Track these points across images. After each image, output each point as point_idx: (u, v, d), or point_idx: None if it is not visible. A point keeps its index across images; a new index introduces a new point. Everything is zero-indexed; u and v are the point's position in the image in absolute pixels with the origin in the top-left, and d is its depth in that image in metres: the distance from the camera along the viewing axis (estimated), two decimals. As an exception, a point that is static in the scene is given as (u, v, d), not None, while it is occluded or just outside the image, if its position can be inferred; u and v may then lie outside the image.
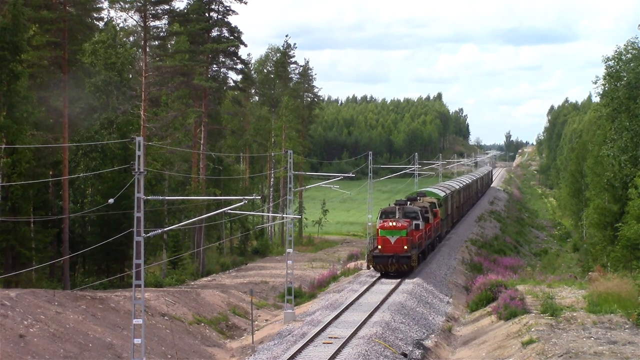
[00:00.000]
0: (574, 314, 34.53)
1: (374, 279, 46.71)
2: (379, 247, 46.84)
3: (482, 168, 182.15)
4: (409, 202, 52.72)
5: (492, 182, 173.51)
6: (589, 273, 49.90)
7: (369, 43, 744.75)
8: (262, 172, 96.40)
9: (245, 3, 66.22)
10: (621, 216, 51.28)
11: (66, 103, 46.30)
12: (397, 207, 49.10)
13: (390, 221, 46.91)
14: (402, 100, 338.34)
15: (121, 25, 70.91)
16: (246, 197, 33.89)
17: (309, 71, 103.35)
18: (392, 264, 46.45)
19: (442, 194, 64.17)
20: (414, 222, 48.66)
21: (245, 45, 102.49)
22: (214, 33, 66.61)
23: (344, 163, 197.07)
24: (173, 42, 67.97)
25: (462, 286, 50.20)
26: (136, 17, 57.63)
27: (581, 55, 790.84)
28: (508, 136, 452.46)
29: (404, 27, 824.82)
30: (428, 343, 33.81)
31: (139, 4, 55.98)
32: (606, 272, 47.57)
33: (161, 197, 32.43)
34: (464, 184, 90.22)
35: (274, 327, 37.89)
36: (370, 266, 48.64)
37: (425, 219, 51.34)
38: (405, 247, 46.30)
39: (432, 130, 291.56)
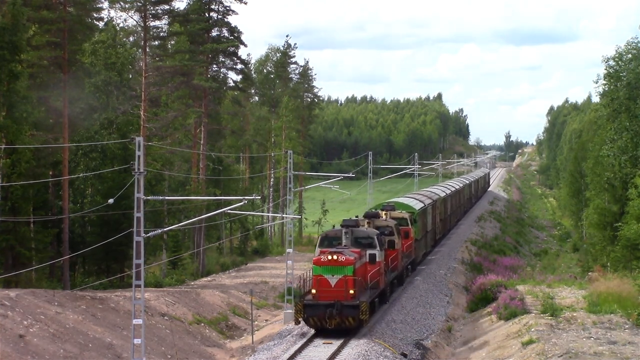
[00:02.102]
0: (574, 314, 34.52)
1: (304, 339, 31.52)
2: (313, 291, 32.24)
3: (478, 170, 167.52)
4: (367, 221, 39.35)
5: (489, 185, 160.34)
6: (589, 273, 49.94)
7: (370, 43, 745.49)
8: (262, 172, 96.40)
9: (245, 3, 66.26)
10: (621, 216, 51.27)
11: (66, 103, 46.29)
12: (343, 230, 34.76)
13: (331, 253, 32.14)
14: (402, 101, 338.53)
15: (121, 25, 70.96)
16: (246, 197, 33.91)
17: (309, 71, 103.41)
18: (332, 316, 31.28)
19: (418, 206, 50.78)
20: (368, 252, 34.52)
21: (245, 46, 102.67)
22: (214, 33, 66.61)
23: (344, 163, 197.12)
24: (173, 42, 67.96)
25: (461, 286, 50.17)
26: (136, 17, 57.65)
27: (582, 56, 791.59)
28: (508, 136, 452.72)
29: (405, 27, 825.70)
30: (428, 343, 33.82)
31: (139, 4, 55.97)
32: (606, 272, 47.58)
33: (161, 197, 32.46)
34: (453, 189, 78.23)
35: (274, 327, 37.89)
36: (300, 319, 31.94)
37: (389, 244, 38.75)
38: (352, 292, 31.67)
39: (432, 131, 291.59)
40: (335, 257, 31.82)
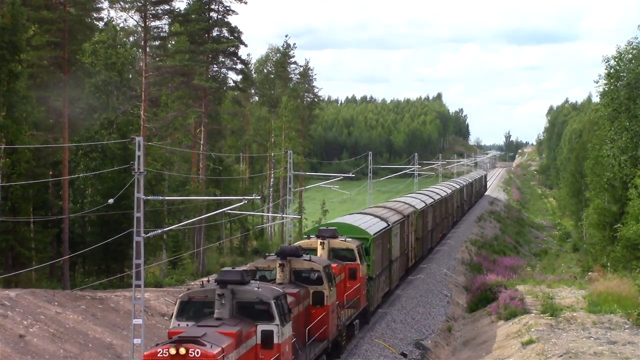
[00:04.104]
0: (574, 314, 34.52)
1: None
2: None
3: (473, 172, 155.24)
4: (279, 263, 24.50)
5: (486, 189, 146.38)
6: (589, 273, 49.93)
7: (371, 43, 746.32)
8: (262, 172, 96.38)
9: (245, 3, 66.24)
10: (621, 216, 51.27)
11: (66, 103, 46.27)
12: (217, 290, 19.44)
13: (178, 342, 16.72)
14: (402, 101, 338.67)
15: (121, 25, 70.87)
16: (246, 197, 33.99)
17: (309, 71, 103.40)
18: None
19: (377, 228, 36.18)
20: (261, 327, 19.47)
21: (246, 46, 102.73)
22: (214, 33, 66.60)
23: (344, 163, 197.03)
24: (173, 42, 67.94)
25: (461, 286, 50.17)
26: (136, 17, 57.63)
27: (583, 56, 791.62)
28: (508, 136, 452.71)
29: (406, 27, 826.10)
30: (428, 343, 33.81)
31: (139, 4, 55.95)
32: (606, 272, 47.60)
33: (161, 197, 32.51)
34: (438, 197, 65.05)
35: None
36: None
37: (315, 299, 24.86)
38: None
39: (432, 131, 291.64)
40: (182, 351, 16.37)
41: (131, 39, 70.48)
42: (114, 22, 68.00)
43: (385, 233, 37.64)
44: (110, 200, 29.67)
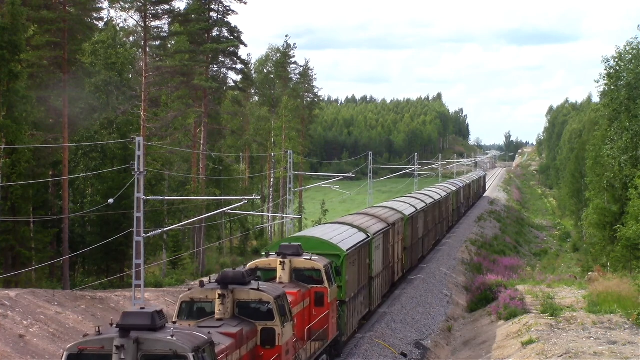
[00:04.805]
0: (574, 314, 34.52)
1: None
2: None
3: (471, 173, 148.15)
4: (218, 292, 19.26)
5: (484, 190, 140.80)
6: (589, 273, 49.90)
7: (372, 43, 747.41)
8: (262, 172, 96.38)
9: (245, 3, 66.23)
10: (621, 216, 51.26)
11: (66, 103, 46.27)
12: (116, 342, 14.15)
13: None
14: (402, 101, 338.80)
15: (121, 25, 70.90)
16: (246, 197, 34.04)
17: (309, 71, 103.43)
18: None
19: (351, 242, 30.91)
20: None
21: (246, 46, 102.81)
22: (214, 33, 66.60)
23: (344, 163, 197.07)
24: (173, 42, 67.94)
25: (461, 286, 50.17)
26: (136, 17, 57.60)
27: (583, 56, 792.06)
28: (508, 136, 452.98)
29: (407, 27, 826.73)
30: (428, 343, 33.81)
31: (139, 4, 55.95)
32: (606, 272, 47.59)
33: (161, 197, 32.57)
34: (432, 200, 60.62)
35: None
36: None
37: (264, 338, 19.67)
38: None
39: (432, 131, 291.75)
40: None
41: (131, 39, 70.44)
42: (114, 22, 68.10)
43: (363, 247, 32.54)
44: (110, 200, 29.71)
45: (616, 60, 51.80)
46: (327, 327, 25.46)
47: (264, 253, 26.20)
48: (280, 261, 24.25)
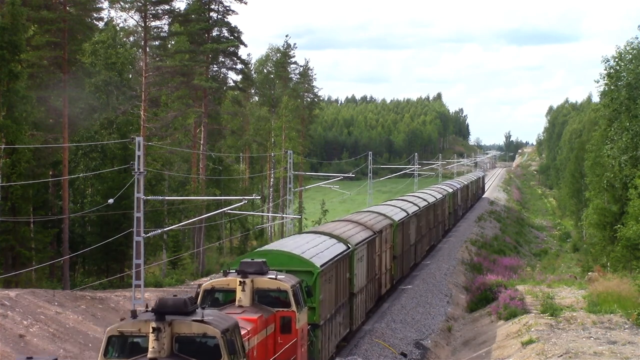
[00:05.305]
0: (574, 314, 34.52)
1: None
2: None
3: (469, 174, 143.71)
4: (153, 326, 15.40)
5: (483, 191, 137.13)
6: (589, 273, 49.90)
7: (372, 43, 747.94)
8: (262, 172, 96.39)
9: (245, 3, 66.25)
10: (621, 216, 51.27)
11: (66, 103, 46.28)
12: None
13: None
14: (402, 100, 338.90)
15: (121, 25, 70.91)
16: (246, 197, 34.03)
17: (309, 71, 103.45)
18: None
19: (328, 257, 27.04)
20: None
21: (246, 46, 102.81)
22: (214, 33, 66.60)
23: (344, 163, 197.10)
24: (173, 42, 67.96)
25: (461, 286, 50.17)
26: (136, 17, 57.61)
27: (583, 56, 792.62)
28: (508, 136, 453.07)
29: (407, 27, 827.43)
30: (428, 343, 33.81)
31: (139, 4, 55.96)
32: (606, 272, 47.59)
33: (161, 197, 32.58)
34: (426, 203, 57.15)
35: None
36: None
37: None
38: None
39: (432, 131, 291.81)
40: None
41: (131, 39, 70.46)
42: (114, 22, 68.10)
43: (343, 260, 28.83)
44: (110, 200, 29.73)
45: (616, 60, 51.81)
46: (295, 358, 21.73)
47: (222, 271, 22.43)
48: (240, 281, 20.78)
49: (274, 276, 21.50)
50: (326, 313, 25.68)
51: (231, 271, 21.92)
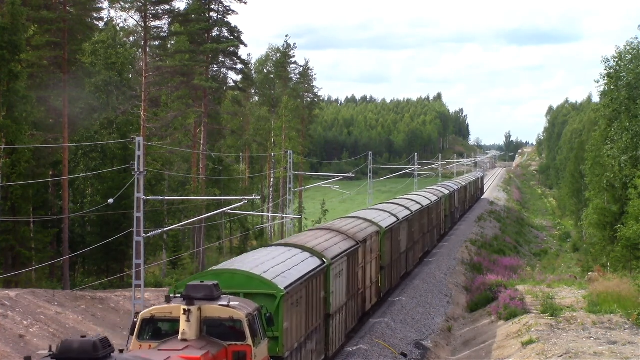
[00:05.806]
0: (574, 314, 34.52)
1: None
2: None
3: (468, 174, 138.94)
4: None
5: (482, 192, 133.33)
6: (589, 273, 49.90)
7: (372, 43, 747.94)
8: (262, 172, 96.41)
9: (245, 3, 66.22)
10: (621, 216, 51.28)
11: (66, 103, 46.28)
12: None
13: None
14: (402, 100, 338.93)
15: (121, 25, 70.94)
16: (246, 197, 33.99)
17: (309, 71, 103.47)
18: None
19: (296, 276, 22.74)
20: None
21: (246, 45, 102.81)
22: (214, 33, 66.59)
23: (344, 163, 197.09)
24: (173, 42, 67.96)
25: (462, 286, 50.17)
26: (136, 17, 57.63)
27: (583, 56, 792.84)
28: (508, 136, 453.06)
29: (407, 27, 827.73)
30: (428, 343, 33.81)
31: (139, 4, 55.96)
32: (606, 272, 47.60)
33: (161, 197, 32.56)
34: (420, 206, 53.46)
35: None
36: None
37: None
38: None
39: (432, 131, 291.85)
40: None
41: (131, 39, 70.50)
42: (114, 22, 68.13)
43: (315, 277, 24.70)
44: (110, 200, 29.71)
45: (616, 60, 51.81)
46: None
47: (165, 296, 18.64)
48: (185, 309, 17.08)
49: (226, 302, 17.79)
50: (293, 342, 21.75)
51: (176, 296, 18.40)
